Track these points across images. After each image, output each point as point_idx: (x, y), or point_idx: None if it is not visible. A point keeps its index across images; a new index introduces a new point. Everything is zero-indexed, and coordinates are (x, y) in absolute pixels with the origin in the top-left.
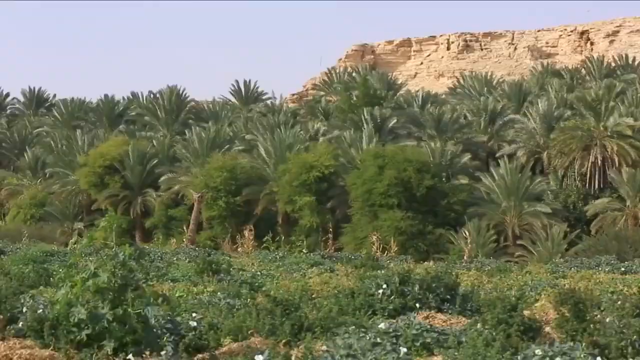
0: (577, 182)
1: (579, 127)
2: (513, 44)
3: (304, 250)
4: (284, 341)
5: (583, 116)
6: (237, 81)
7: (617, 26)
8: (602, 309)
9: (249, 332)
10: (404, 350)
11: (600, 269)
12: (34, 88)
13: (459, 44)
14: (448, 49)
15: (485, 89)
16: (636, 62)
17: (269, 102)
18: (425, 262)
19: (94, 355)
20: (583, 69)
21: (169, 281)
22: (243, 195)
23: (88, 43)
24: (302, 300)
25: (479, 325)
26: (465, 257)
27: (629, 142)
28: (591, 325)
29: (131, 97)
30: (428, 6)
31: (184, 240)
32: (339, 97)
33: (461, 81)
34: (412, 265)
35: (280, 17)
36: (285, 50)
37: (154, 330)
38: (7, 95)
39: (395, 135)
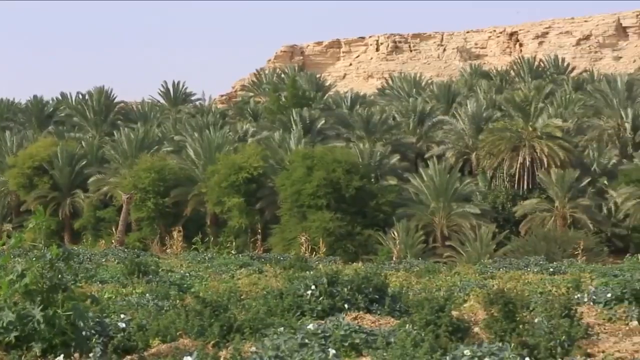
0: (505, 183)
1: (507, 128)
2: (442, 45)
3: (232, 251)
4: (212, 342)
5: (512, 117)
6: (165, 82)
7: (547, 27)
8: (531, 309)
9: (178, 334)
10: (332, 351)
11: (529, 269)
12: None
13: (388, 45)
14: (377, 50)
15: (414, 90)
16: (565, 64)
17: (197, 103)
18: (354, 263)
19: (22, 357)
20: (512, 71)
21: (98, 282)
22: (172, 196)
23: (17, 43)
24: (231, 302)
25: (407, 326)
26: (394, 258)
27: (558, 143)
28: (520, 326)
29: (60, 98)
30: (357, 7)
31: (113, 241)
32: (268, 98)
33: (390, 82)
34: (341, 266)
35: (210, 17)
36: (215, 51)
37: (83, 331)
38: None
39: (324, 136)
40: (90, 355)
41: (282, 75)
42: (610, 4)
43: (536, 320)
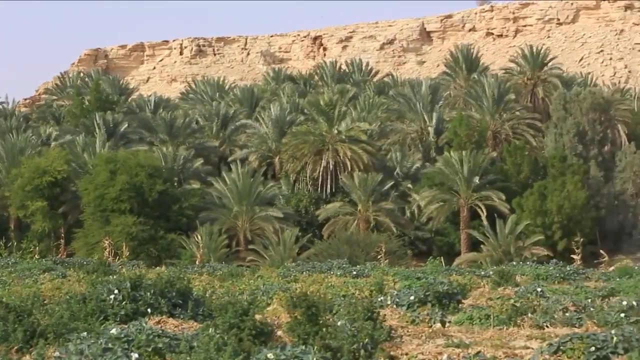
0: (309, 186)
1: (311, 131)
2: (246, 49)
3: (36, 256)
4: (16, 347)
5: (315, 121)
6: None
7: (351, 32)
8: (334, 312)
9: None
10: (135, 355)
11: (332, 272)
12: None
13: (192, 49)
14: (181, 53)
15: (218, 94)
16: (369, 68)
17: (0, 106)
18: (158, 267)
19: None
20: (316, 75)
21: None
22: None
23: None
24: (35, 307)
25: (210, 330)
26: (197, 262)
27: (361, 147)
28: (323, 329)
29: None
30: (162, 11)
31: None
32: (71, 101)
33: (193, 86)
34: (144, 270)
35: (16, 18)
36: (20, 54)
37: None
38: None
39: (128, 140)
40: None
41: (86, 79)
42: (415, 9)
43: (339, 323)
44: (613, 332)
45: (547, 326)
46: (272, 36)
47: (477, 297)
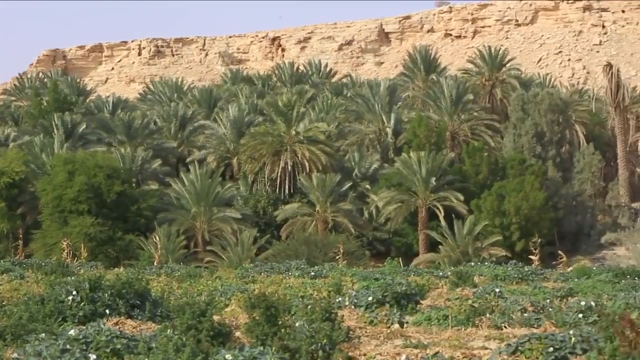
0: (267, 187)
1: (269, 132)
2: (204, 50)
3: None
4: None
5: (274, 122)
6: None
7: (309, 33)
8: (292, 313)
9: None
10: (93, 357)
11: (290, 273)
12: None
13: (150, 50)
14: (139, 54)
15: (176, 94)
16: (328, 69)
17: None
18: (116, 268)
19: None
20: (274, 75)
21: None
22: None
23: None
24: None
25: (169, 331)
26: (155, 263)
27: (320, 148)
28: (281, 330)
29: None
30: (120, 12)
31: None
32: (30, 102)
33: (151, 87)
34: (103, 271)
35: None
36: None
37: None
38: None
39: (86, 140)
40: None
41: (45, 80)
42: (373, 10)
43: (297, 324)
44: (571, 332)
45: (505, 327)
46: (230, 37)
47: (436, 298)
